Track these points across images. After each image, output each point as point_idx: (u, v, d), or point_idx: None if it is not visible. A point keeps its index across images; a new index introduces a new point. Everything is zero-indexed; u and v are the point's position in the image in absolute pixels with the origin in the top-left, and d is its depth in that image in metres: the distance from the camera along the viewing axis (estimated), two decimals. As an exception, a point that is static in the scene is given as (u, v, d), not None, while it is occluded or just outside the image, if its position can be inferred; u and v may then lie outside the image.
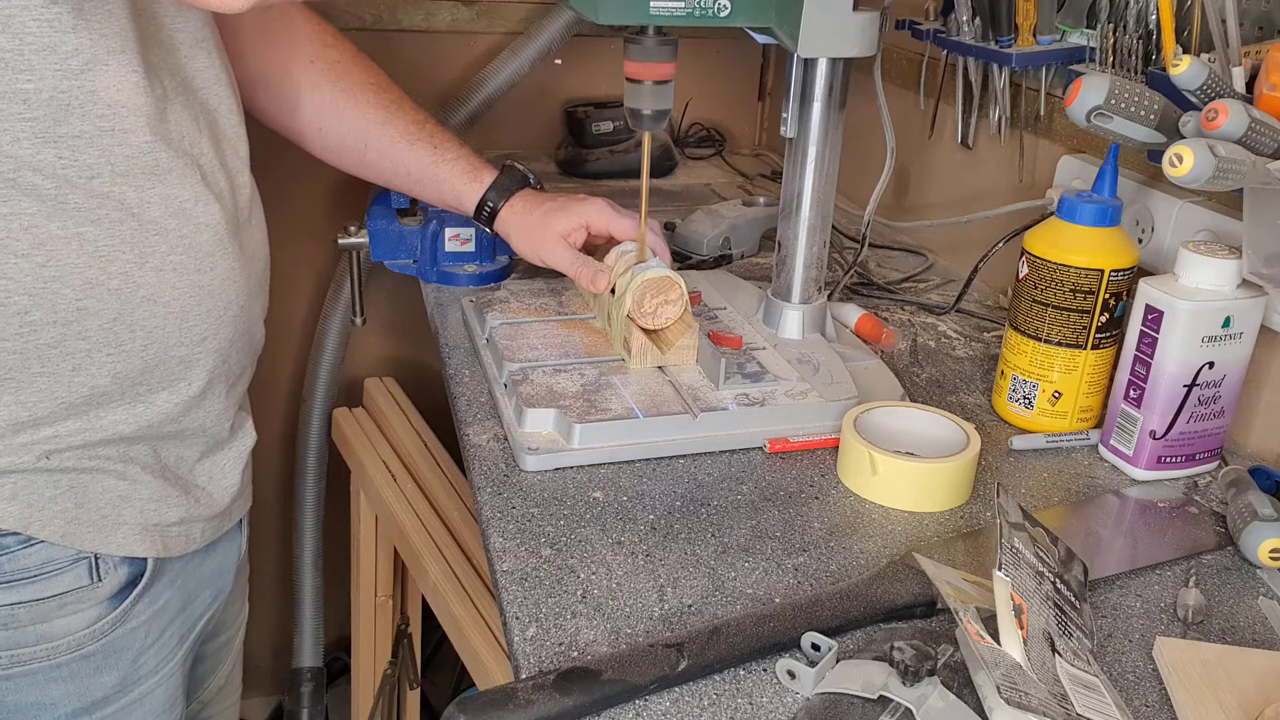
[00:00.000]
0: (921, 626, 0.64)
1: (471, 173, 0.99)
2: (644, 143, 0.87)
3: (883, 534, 0.73)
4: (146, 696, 0.79)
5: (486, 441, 0.81)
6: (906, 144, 1.29)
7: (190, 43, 0.72)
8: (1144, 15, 0.92)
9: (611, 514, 0.73)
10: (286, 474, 1.66)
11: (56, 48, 0.62)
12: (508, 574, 0.67)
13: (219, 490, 0.80)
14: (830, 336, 0.96)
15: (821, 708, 0.57)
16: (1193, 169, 0.68)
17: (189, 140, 0.71)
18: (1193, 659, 0.61)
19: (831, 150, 0.89)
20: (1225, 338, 0.76)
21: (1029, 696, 0.52)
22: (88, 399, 0.68)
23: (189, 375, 0.73)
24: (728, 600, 0.65)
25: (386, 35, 1.48)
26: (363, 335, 1.63)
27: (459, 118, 1.48)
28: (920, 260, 1.25)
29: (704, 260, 1.18)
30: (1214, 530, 0.75)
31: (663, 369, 0.88)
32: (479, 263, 1.11)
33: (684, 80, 1.00)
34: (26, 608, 0.70)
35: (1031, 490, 0.80)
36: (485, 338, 0.94)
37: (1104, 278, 0.81)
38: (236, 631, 0.96)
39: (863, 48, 0.83)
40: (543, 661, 0.60)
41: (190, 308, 0.71)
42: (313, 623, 1.66)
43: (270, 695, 1.80)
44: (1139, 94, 0.77)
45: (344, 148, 0.97)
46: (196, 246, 0.71)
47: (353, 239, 1.11)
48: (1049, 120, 1.08)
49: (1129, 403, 0.80)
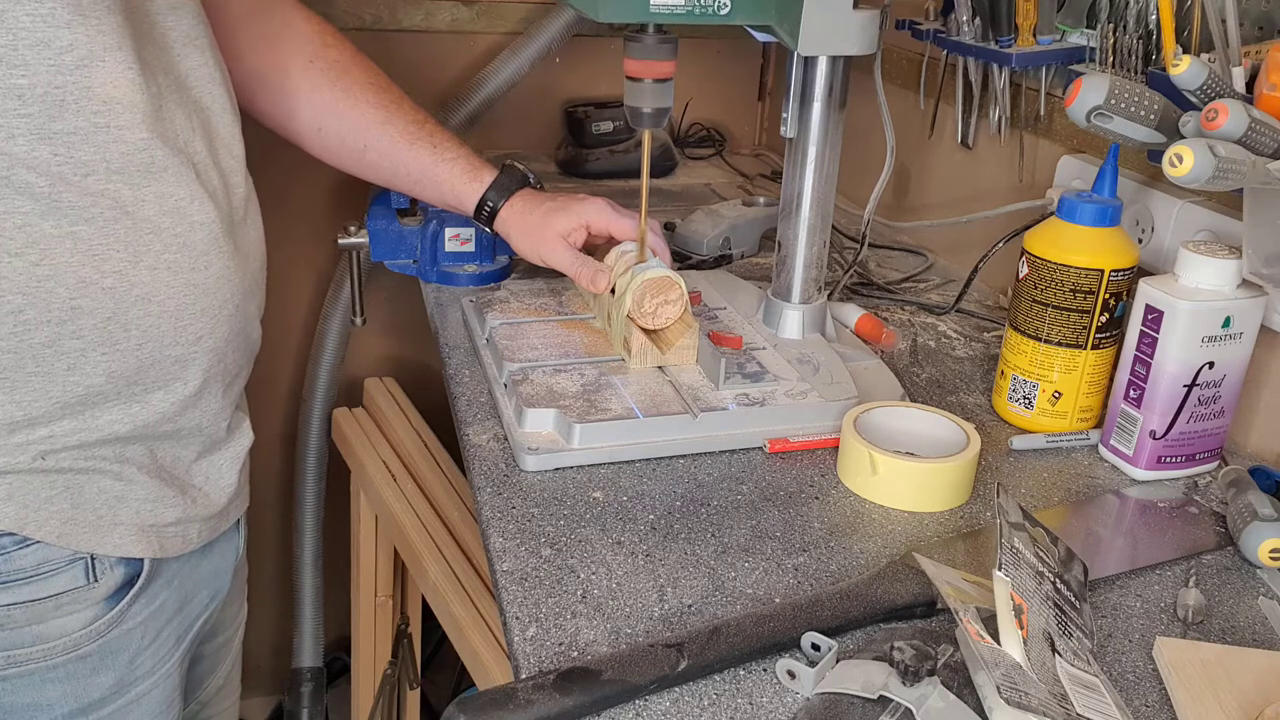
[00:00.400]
0: (921, 626, 0.64)
1: (471, 172, 0.99)
2: (644, 142, 0.87)
3: (883, 534, 0.73)
4: (143, 697, 0.78)
5: (486, 441, 0.81)
6: (906, 144, 1.29)
7: (183, 41, 0.72)
8: (1144, 15, 0.92)
9: (611, 514, 0.73)
10: (286, 474, 1.66)
11: (51, 43, 0.61)
12: (508, 574, 0.67)
13: (216, 490, 0.80)
14: (830, 336, 0.96)
15: (821, 708, 0.57)
16: (1193, 169, 0.68)
17: (183, 139, 0.71)
18: (1193, 659, 0.61)
19: (831, 150, 0.89)
20: (1225, 338, 0.76)
21: (1029, 696, 0.52)
22: (82, 398, 0.68)
23: (184, 375, 0.73)
24: (728, 600, 0.65)
25: (386, 35, 1.48)
26: (363, 335, 1.63)
27: (459, 118, 1.48)
28: (920, 260, 1.25)
29: (704, 260, 1.18)
30: (1214, 530, 0.75)
31: (663, 369, 0.88)
32: (479, 263, 1.11)
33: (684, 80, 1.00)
34: (23, 608, 0.70)
35: (1031, 490, 0.80)
36: (485, 338, 0.94)
37: (1104, 278, 0.81)
38: (235, 632, 0.95)
39: (863, 46, 0.83)
40: (543, 661, 0.60)
41: (185, 307, 0.71)
42: (313, 623, 1.66)
43: (270, 695, 1.80)
44: (1139, 94, 0.77)
45: (344, 148, 0.97)
46: (191, 245, 0.71)
47: (353, 239, 1.11)
48: (1049, 120, 1.08)
49: (1129, 403, 0.80)
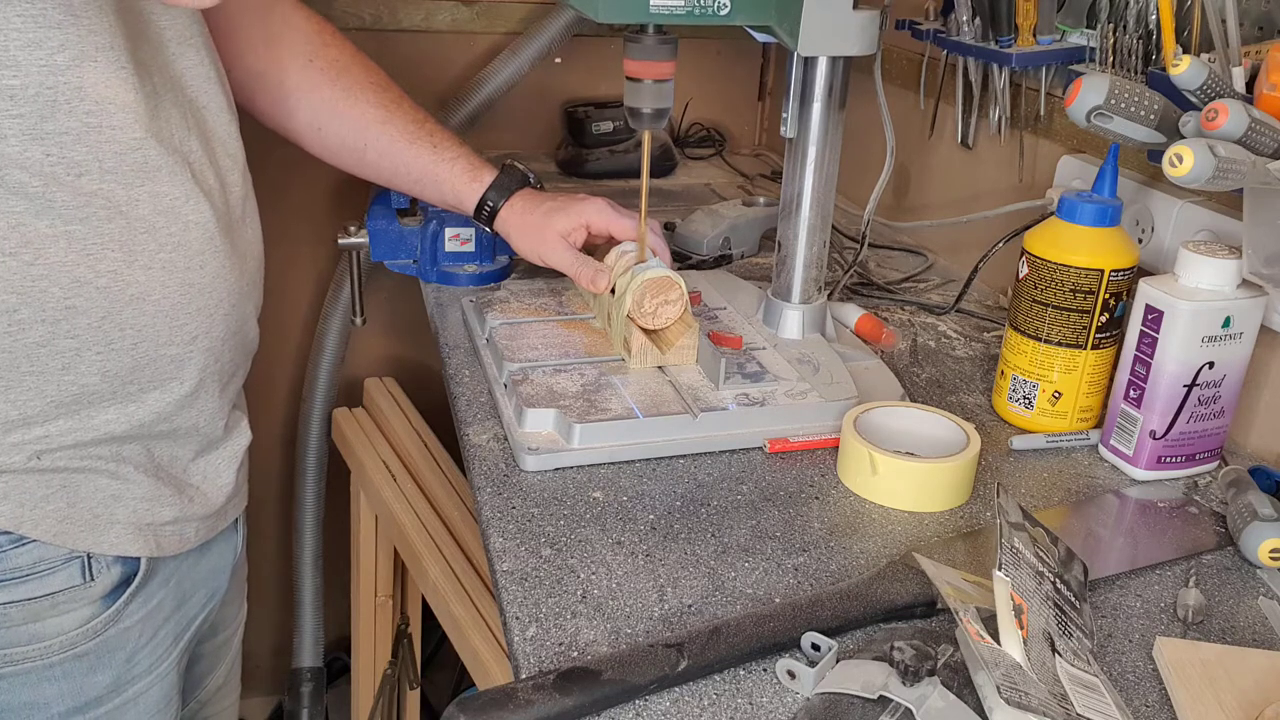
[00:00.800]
0: (921, 626, 0.64)
1: (471, 172, 0.99)
2: (644, 142, 0.87)
3: (883, 534, 0.73)
4: (141, 696, 0.78)
5: (486, 441, 0.81)
6: (906, 144, 1.29)
7: (178, 40, 0.72)
8: (1144, 15, 0.91)
9: (611, 514, 0.73)
10: (286, 474, 1.66)
11: (42, 43, 0.61)
12: (508, 574, 0.67)
13: (213, 489, 0.80)
14: (830, 336, 0.96)
15: (821, 708, 0.57)
16: (1193, 169, 0.68)
17: (178, 138, 0.70)
18: (1193, 659, 0.61)
19: (831, 150, 0.89)
20: (1225, 338, 0.76)
21: (1029, 696, 0.52)
22: (78, 398, 0.68)
23: (180, 374, 0.73)
24: (728, 600, 0.65)
25: (386, 35, 1.48)
26: (363, 335, 1.63)
27: (459, 118, 1.48)
28: (920, 260, 1.25)
29: (704, 260, 1.18)
30: (1214, 530, 0.75)
31: (663, 369, 0.88)
32: (479, 263, 1.10)
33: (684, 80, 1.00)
34: (19, 607, 0.70)
35: (1031, 490, 0.80)
36: (485, 338, 0.94)
37: (1104, 278, 0.81)
38: (234, 631, 0.95)
39: (863, 47, 0.83)
40: (543, 661, 0.60)
41: (180, 306, 0.71)
42: (313, 623, 1.66)
43: (270, 695, 1.80)
44: (1139, 94, 0.77)
45: (343, 147, 0.97)
46: (186, 245, 0.71)
47: (353, 239, 1.11)
48: (1049, 120, 1.08)
49: (1129, 403, 0.80)
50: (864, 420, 0.79)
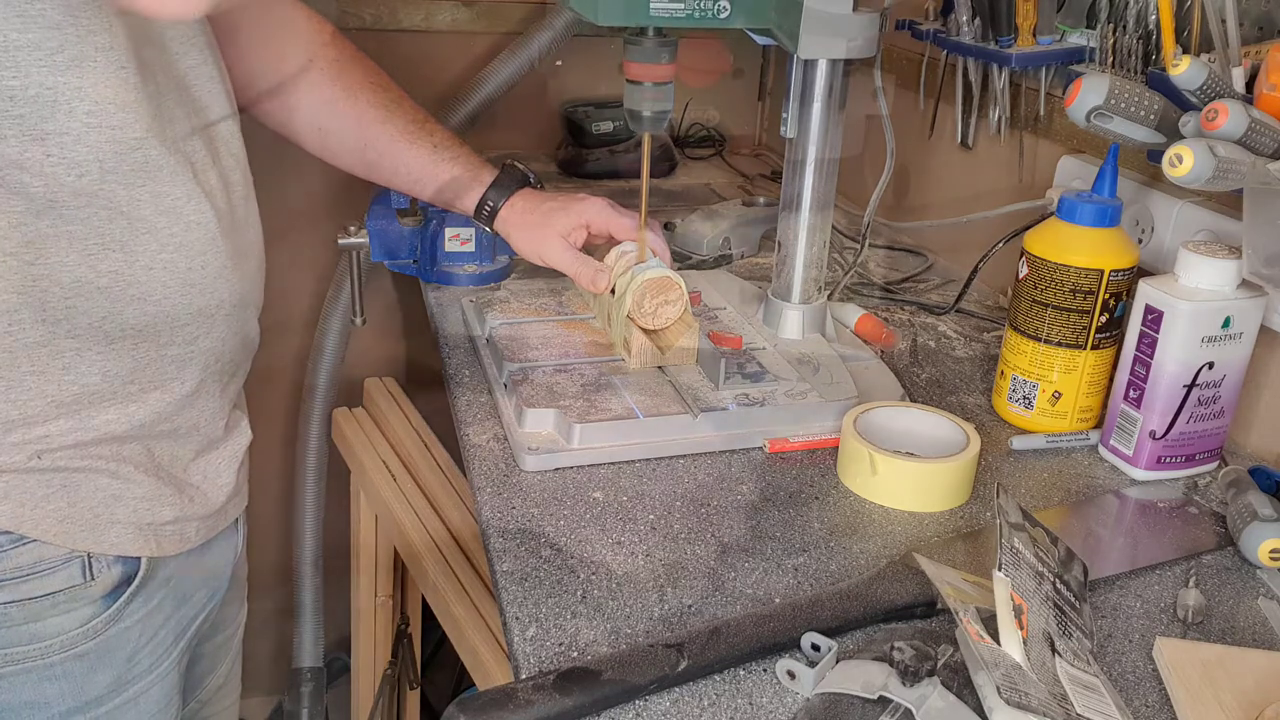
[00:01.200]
0: (921, 626, 0.64)
1: (471, 172, 0.99)
2: (644, 143, 0.87)
3: (883, 534, 0.73)
4: (141, 696, 0.78)
5: (486, 441, 0.81)
6: (906, 144, 1.29)
7: (181, 40, 0.72)
8: (1144, 15, 0.91)
9: (611, 514, 0.73)
10: (286, 474, 1.66)
11: (42, 44, 0.61)
12: (508, 574, 0.67)
13: (213, 489, 0.80)
14: (830, 336, 0.96)
15: (821, 708, 0.57)
16: (1193, 169, 0.68)
17: (180, 138, 0.70)
18: (1193, 659, 0.61)
19: (831, 150, 0.89)
20: (1225, 338, 0.76)
21: (1029, 697, 0.52)
22: (78, 398, 0.68)
23: (181, 374, 0.73)
24: (728, 600, 0.65)
25: (386, 35, 1.48)
26: (363, 335, 1.63)
27: (459, 118, 1.47)
28: (920, 260, 1.25)
29: (704, 260, 1.18)
30: (1214, 530, 0.75)
31: (663, 369, 0.88)
32: (479, 263, 1.10)
33: (684, 80, 1.00)
34: (19, 606, 0.70)
35: (1031, 490, 0.80)
36: (485, 338, 0.94)
37: (1104, 278, 0.81)
38: (235, 631, 0.95)
39: (863, 49, 0.83)
40: (543, 661, 0.60)
41: (181, 306, 0.71)
42: (313, 623, 1.66)
43: (270, 695, 1.80)
44: (1139, 94, 0.77)
45: (343, 147, 0.97)
46: (187, 245, 0.71)
47: (353, 239, 1.11)
48: (1049, 120, 1.08)
49: (1129, 403, 0.80)
50: (864, 420, 0.79)
